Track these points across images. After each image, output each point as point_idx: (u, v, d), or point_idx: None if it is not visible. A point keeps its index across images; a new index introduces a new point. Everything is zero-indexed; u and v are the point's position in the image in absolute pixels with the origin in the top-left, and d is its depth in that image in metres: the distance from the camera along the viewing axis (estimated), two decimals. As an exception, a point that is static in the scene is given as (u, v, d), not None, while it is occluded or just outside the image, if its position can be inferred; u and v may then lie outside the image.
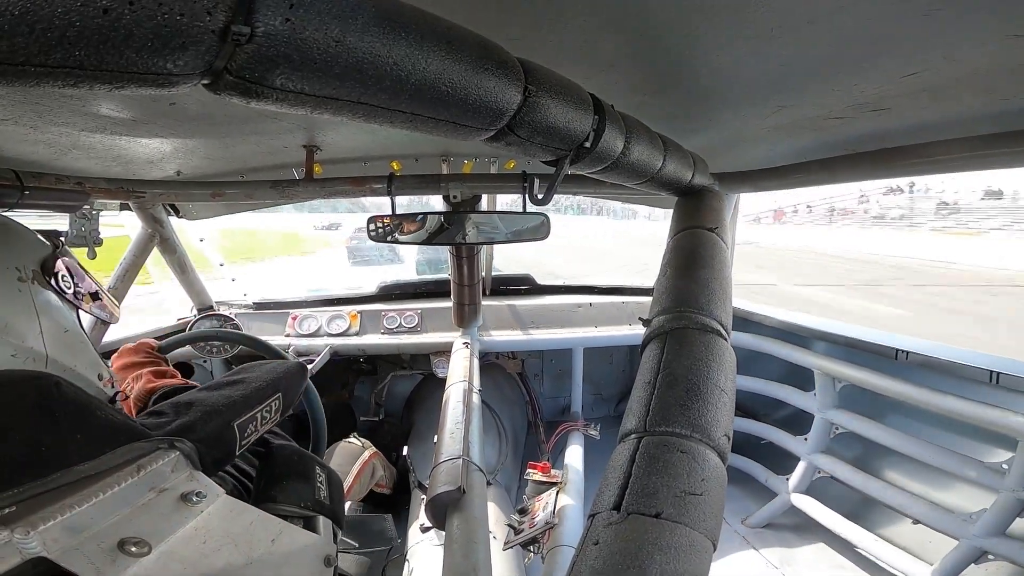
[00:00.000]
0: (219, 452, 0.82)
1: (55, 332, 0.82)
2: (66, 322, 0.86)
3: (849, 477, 2.24)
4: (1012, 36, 0.63)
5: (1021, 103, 0.88)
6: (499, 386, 2.98)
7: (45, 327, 0.80)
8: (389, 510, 2.36)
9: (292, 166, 1.75)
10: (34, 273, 0.82)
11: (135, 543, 0.54)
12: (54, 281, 0.86)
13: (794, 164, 1.49)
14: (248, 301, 2.92)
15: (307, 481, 1.02)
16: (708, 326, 0.81)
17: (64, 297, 0.88)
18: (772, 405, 2.81)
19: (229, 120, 1.13)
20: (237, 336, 2.22)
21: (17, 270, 0.79)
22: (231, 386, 0.96)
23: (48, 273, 0.85)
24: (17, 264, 0.80)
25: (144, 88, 0.31)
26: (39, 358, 0.78)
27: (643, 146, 0.79)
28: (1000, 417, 1.68)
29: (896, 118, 1.04)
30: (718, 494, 0.60)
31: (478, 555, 1.10)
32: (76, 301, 0.91)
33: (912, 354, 2.02)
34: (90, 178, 1.51)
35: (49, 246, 0.89)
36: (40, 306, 0.81)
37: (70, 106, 0.89)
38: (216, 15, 0.29)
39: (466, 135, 0.54)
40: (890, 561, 1.99)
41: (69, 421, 0.63)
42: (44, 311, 0.81)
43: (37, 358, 0.78)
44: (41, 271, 0.84)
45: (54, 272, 0.86)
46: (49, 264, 0.86)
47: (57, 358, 0.80)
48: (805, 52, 0.74)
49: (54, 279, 0.86)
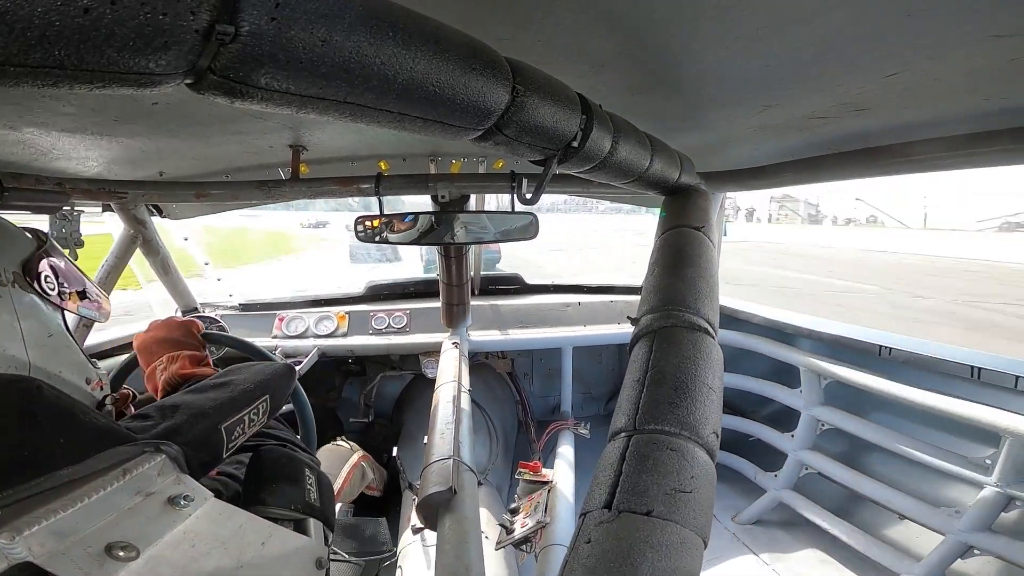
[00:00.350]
0: (206, 455, 0.81)
1: (37, 337, 0.79)
2: (50, 325, 0.83)
3: (836, 473, 2.27)
4: (993, 36, 0.64)
5: (1002, 103, 0.90)
6: (489, 386, 2.98)
7: (27, 333, 0.77)
8: (380, 512, 2.35)
9: (278, 166, 1.74)
10: (15, 275, 0.79)
11: (123, 547, 0.54)
12: (37, 283, 0.82)
13: (779, 163, 1.51)
14: (234, 302, 2.89)
15: (296, 483, 1.01)
16: (695, 324, 0.82)
17: (48, 299, 0.85)
18: (759, 402, 2.84)
19: (213, 120, 1.11)
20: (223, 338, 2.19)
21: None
22: (218, 388, 0.95)
23: (30, 274, 0.82)
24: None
25: (126, 88, 0.31)
26: (21, 366, 0.76)
27: (630, 145, 0.80)
28: (983, 413, 1.71)
29: (880, 117, 1.05)
30: (708, 491, 0.60)
31: (470, 555, 1.10)
32: (61, 302, 0.88)
33: (895, 350, 2.06)
34: (71, 179, 1.48)
35: (33, 243, 0.86)
36: (21, 311, 0.78)
37: (50, 106, 0.87)
38: (200, 14, 0.29)
39: (454, 135, 0.54)
40: (877, 557, 2.02)
41: (52, 425, 0.62)
42: (25, 315, 0.78)
43: (19, 366, 0.76)
44: (23, 272, 0.81)
45: (37, 273, 0.83)
46: (32, 264, 0.83)
47: (40, 364, 0.78)
48: (790, 52, 0.75)
49: (36, 280, 0.83)
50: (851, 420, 2.24)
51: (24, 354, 0.76)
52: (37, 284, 0.82)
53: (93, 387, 0.89)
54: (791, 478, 2.47)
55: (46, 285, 0.84)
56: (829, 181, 1.43)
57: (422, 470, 1.46)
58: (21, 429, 0.59)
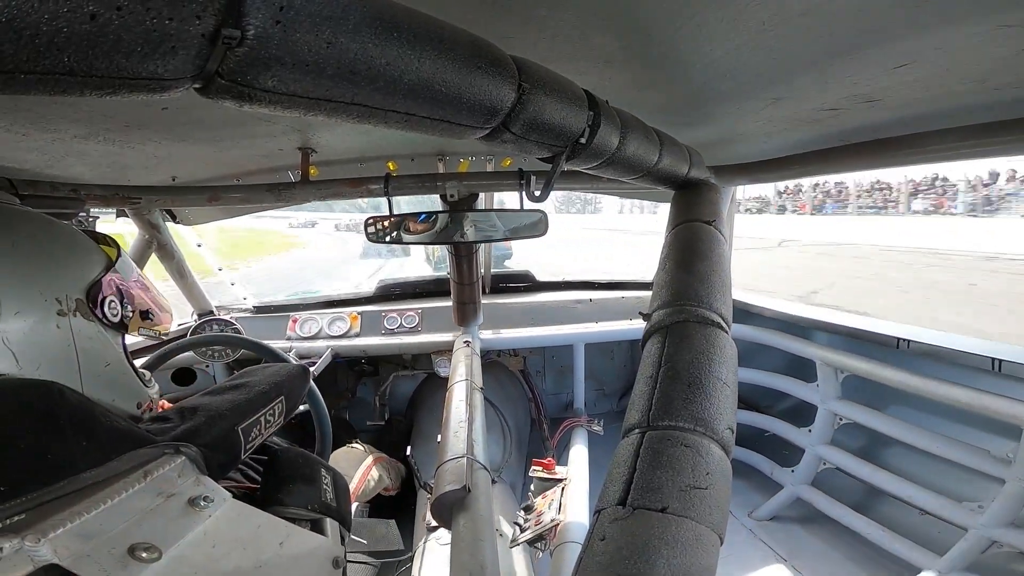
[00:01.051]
0: (224, 456, 0.82)
1: (95, 369, 0.74)
2: (108, 354, 0.77)
3: (855, 468, 2.24)
4: (1002, 26, 0.63)
5: (1012, 93, 0.89)
6: (501, 384, 2.98)
7: (83, 364, 0.72)
8: (395, 511, 2.37)
9: (288, 169, 1.75)
10: (78, 303, 0.72)
11: (145, 548, 0.55)
12: (100, 309, 0.76)
13: (789, 156, 1.49)
14: (248, 305, 2.92)
15: (313, 483, 1.02)
16: (708, 319, 0.81)
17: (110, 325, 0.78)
18: (775, 397, 2.81)
19: (223, 124, 1.12)
20: (239, 340, 2.22)
21: (57, 301, 0.70)
22: (235, 390, 0.96)
23: (94, 301, 0.75)
24: (58, 294, 0.70)
25: (136, 94, 0.31)
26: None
27: (638, 141, 0.79)
28: (1005, 406, 1.68)
29: (889, 109, 1.04)
30: (723, 487, 0.60)
31: (485, 553, 1.10)
32: (123, 328, 0.82)
33: (914, 343, 2.02)
34: (85, 185, 1.51)
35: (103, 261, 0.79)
36: (81, 343, 0.72)
37: (62, 112, 0.88)
38: (205, 19, 0.29)
39: (461, 134, 0.54)
40: (899, 552, 1.99)
41: (74, 428, 0.63)
42: (85, 348, 0.72)
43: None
44: (86, 299, 0.74)
45: (102, 298, 0.76)
46: (96, 288, 0.76)
47: (95, 396, 0.73)
48: (798, 44, 0.74)
49: (100, 307, 0.76)
50: (869, 414, 2.20)
51: (79, 386, 0.71)
52: (100, 310, 0.76)
53: (143, 410, 0.83)
54: (809, 473, 2.44)
55: (109, 312, 0.78)
56: (839, 173, 1.42)
57: (436, 469, 1.47)
58: (43, 433, 0.60)
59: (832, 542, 2.25)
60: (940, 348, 1.95)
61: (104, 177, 1.50)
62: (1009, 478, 1.69)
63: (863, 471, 2.20)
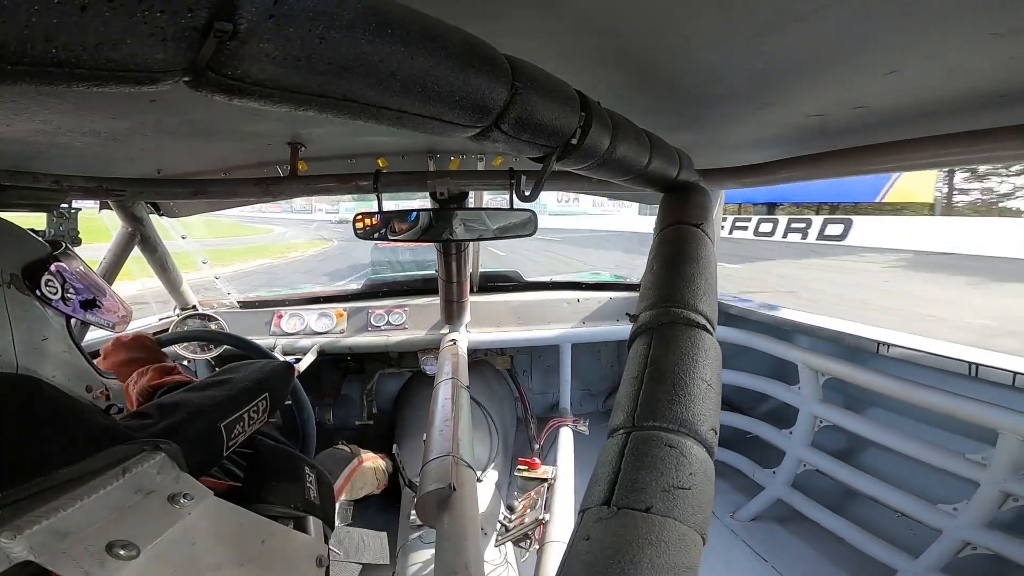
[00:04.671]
0: (206, 453, 0.81)
1: (29, 341, 0.80)
2: (46, 330, 0.84)
3: (834, 470, 2.28)
4: (993, 35, 0.64)
5: (1002, 100, 0.90)
6: (488, 383, 2.98)
7: (17, 334, 0.78)
8: (380, 509, 2.35)
9: (276, 163, 1.73)
10: (12, 278, 0.80)
11: (123, 546, 0.54)
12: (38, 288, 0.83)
13: (778, 160, 1.51)
14: (232, 300, 2.88)
15: (296, 481, 1.02)
16: (694, 321, 0.82)
17: (49, 303, 0.85)
18: (758, 399, 2.85)
19: (211, 117, 1.11)
20: (223, 336, 2.20)
21: None
22: (217, 386, 0.95)
23: (31, 278, 0.82)
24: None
25: (124, 86, 0.31)
26: (7, 366, 0.76)
27: (629, 143, 0.80)
28: (980, 410, 1.72)
29: (878, 115, 1.05)
30: (706, 488, 0.60)
31: (469, 552, 1.10)
32: (64, 308, 0.89)
33: (893, 346, 2.06)
34: (68, 176, 1.48)
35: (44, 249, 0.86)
36: (14, 313, 0.79)
37: (47, 104, 0.86)
38: (198, 12, 0.29)
39: (453, 132, 0.54)
40: (875, 553, 2.03)
41: (52, 424, 0.62)
42: (19, 319, 0.79)
43: (6, 367, 0.76)
44: (22, 276, 0.81)
45: (39, 277, 0.84)
46: (35, 268, 0.83)
47: (30, 366, 0.79)
48: (789, 50, 0.75)
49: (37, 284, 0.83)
50: (849, 417, 2.24)
51: (12, 357, 0.77)
52: (37, 288, 0.83)
53: (95, 396, 0.89)
54: (790, 475, 2.48)
55: (47, 290, 0.85)
56: (828, 178, 1.44)
57: (421, 467, 1.46)
58: (21, 428, 0.59)
59: (811, 543, 2.29)
60: (918, 352, 1.98)
61: (88, 169, 1.47)
62: (984, 481, 1.74)
63: (842, 473, 2.24)
